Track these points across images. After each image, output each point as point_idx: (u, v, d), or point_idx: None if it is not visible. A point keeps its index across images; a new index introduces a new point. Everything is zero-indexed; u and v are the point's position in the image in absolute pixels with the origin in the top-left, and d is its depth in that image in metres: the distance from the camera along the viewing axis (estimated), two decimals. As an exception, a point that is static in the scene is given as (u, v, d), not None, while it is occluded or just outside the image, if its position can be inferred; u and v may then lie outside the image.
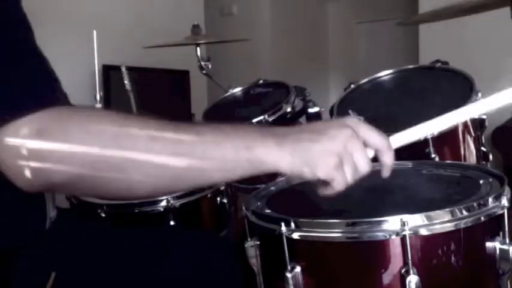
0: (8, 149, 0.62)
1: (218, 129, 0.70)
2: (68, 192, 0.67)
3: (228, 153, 0.68)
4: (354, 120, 0.76)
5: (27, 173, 0.62)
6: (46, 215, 0.89)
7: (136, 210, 1.29)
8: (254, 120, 1.59)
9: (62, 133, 0.63)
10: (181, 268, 0.94)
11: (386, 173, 0.80)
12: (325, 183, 0.75)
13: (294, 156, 0.71)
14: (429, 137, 1.25)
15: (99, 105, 2.05)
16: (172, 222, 1.27)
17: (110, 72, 2.80)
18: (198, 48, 2.25)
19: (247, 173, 0.70)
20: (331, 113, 1.52)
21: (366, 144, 0.76)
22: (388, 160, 0.78)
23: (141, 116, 0.68)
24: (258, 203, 0.94)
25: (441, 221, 0.75)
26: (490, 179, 0.89)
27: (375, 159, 0.78)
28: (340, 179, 0.73)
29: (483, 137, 1.37)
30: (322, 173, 0.72)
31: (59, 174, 0.63)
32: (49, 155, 0.62)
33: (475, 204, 0.77)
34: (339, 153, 0.72)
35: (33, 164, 0.62)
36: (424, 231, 0.75)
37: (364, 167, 0.74)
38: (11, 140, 0.61)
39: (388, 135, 0.80)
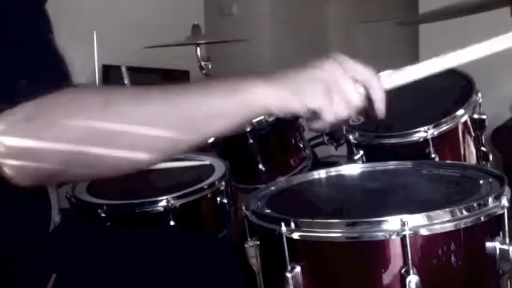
0: None
1: (204, 84, 0.71)
2: (62, 178, 0.66)
3: (215, 100, 0.68)
4: (338, 56, 0.75)
5: (21, 164, 0.62)
6: (50, 219, 0.89)
7: (136, 210, 1.28)
8: (254, 120, 1.58)
9: (50, 118, 0.62)
10: (182, 269, 0.94)
11: (379, 110, 0.77)
12: (316, 116, 0.73)
13: (281, 89, 0.71)
14: (429, 137, 1.25)
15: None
16: (172, 222, 1.27)
17: (110, 72, 2.79)
18: (198, 48, 2.25)
19: (241, 117, 0.70)
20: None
21: (354, 79, 0.74)
22: (377, 95, 0.76)
23: (125, 87, 0.68)
24: (258, 203, 0.94)
25: (441, 221, 0.75)
26: (490, 179, 0.89)
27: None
28: (330, 108, 0.72)
29: (483, 137, 1.37)
30: (310, 101, 0.71)
31: (52, 158, 0.62)
32: (38, 141, 0.61)
33: (475, 204, 0.77)
34: (326, 80, 0.71)
35: (25, 152, 0.61)
36: (424, 231, 0.75)
37: (354, 97, 0.73)
38: (0, 131, 0.60)
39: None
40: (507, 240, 0.79)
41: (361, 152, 1.34)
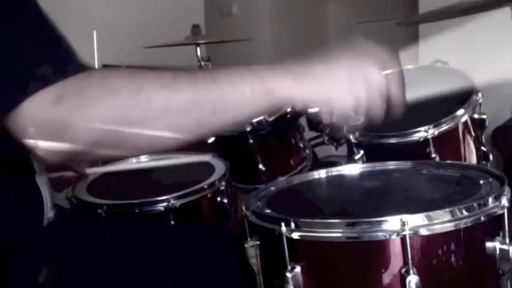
0: (30, 122, 0.62)
1: (233, 73, 0.72)
2: (90, 156, 0.68)
3: (245, 94, 0.70)
4: (363, 44, 0.80)
5: (51, 143, 0.63)
6: (43, 214, 0.89)
7: (136, 210, 1.29)
8: (254, 120, 1.58)
9: (81, 99, 0.63)
10: (181, 267, 0.94)
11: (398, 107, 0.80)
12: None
13: (309, 88, 0.72)
14: (429, 137, 1.25)
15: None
16: (172, 222, 1.27)
17: (109, 72, 2.79)
18: (198, 48, 2.25)
19: (266, 108, 0.72)
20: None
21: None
22: (396, 90, 0.78)
23: (157, 70, 0.69)
24: (258, 203, 0.94)
25: (441, 221, 0.75)
26: (490, 179, 0.89)
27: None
28: (355, 106, 0.73)
29: (483, 137, 1.37)
30: (336, 102, 0.73)
31: (82, 138, 0.64)
32: (69, 122, 0.63)
33: (475, 204, 0.77)
34: (354, 80, 0.73)
35: (56, 132, 0.63)
36: (424, 231, 0.75)
37: (382, 85, 0.75)
38: (32, 112, 0.62)
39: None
40: (507, 240, 0.79)
41: (362, 152, 1.34)
